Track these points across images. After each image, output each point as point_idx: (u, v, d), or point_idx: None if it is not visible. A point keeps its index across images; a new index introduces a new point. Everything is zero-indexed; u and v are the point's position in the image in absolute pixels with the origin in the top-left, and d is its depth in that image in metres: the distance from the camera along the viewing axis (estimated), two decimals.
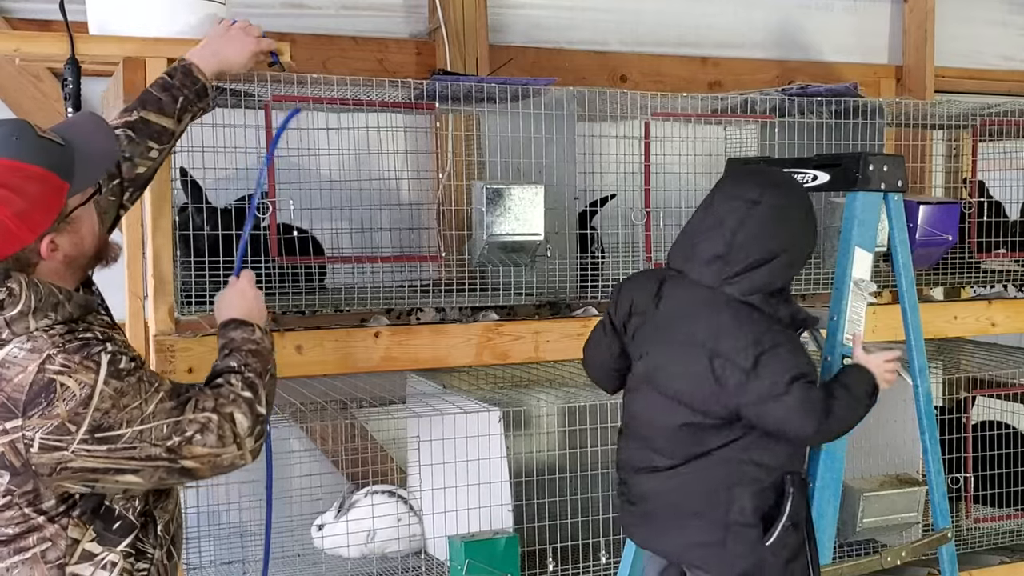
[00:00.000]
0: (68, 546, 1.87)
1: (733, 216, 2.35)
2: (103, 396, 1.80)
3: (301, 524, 3.32)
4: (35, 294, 1.84)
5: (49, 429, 1.78)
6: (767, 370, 2.27)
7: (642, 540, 2.55)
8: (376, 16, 4.03)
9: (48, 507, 1.85)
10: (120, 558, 1.92)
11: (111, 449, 1.82)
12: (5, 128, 1.89)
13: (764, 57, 4.68)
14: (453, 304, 3.09)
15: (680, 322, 2.37)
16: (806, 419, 2.29)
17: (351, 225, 3.09)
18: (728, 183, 2.45)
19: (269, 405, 2.03)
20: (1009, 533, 3.70)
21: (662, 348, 2.40)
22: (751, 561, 2.37)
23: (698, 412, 2.35)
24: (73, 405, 1.79)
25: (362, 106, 3.00)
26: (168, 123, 2.36)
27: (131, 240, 3.04)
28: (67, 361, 1.80)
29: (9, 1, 3.56)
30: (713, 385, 2.30)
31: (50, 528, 1.86)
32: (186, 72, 2.40)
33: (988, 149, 3.91)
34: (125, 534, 1.93)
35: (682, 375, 2.35)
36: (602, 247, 3.30)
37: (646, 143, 3.16)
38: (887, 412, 3.58)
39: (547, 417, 3.49)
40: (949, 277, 3.60)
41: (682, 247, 2.44)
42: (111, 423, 1.81)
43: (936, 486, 2.82)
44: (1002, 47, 5.14)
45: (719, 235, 2.35)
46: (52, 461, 1.80)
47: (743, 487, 2.36)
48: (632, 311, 2.47)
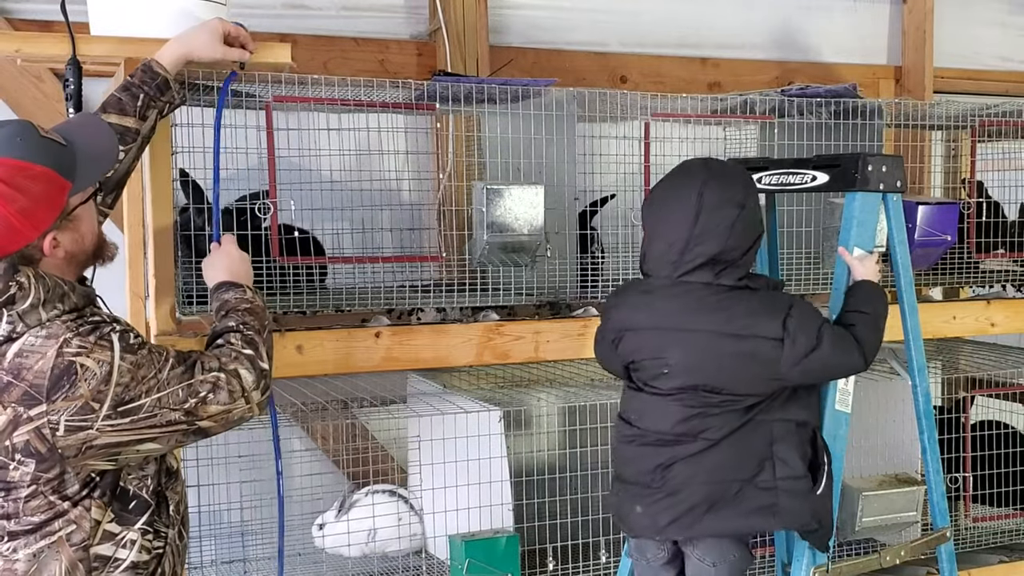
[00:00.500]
0: (92, 527, 1.94)
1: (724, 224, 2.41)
2: (121, 371, 1.88)
3: (302, 523, 3.33)
4: (43, 286, 1.89)
5: (74, 411, 1.85)
6: (797, 332, 2.40)
7: (689, 533, 2.49)
8: (377, 17, 4.03)
9: (72, 492, 1.91)
10: (138, 536, 1.99)
11: (134, 420, 1.89)
12: (9, 128, 1.93)
13: (764, 58, 4.68)
14: (454, 304, 3.09)
15: (693, 321, 2.41)
16: (846, 356, 2.47)
17: (352, 225, 3.10)
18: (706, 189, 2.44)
19: (270, 359, 2.13)
20: (1008, 532, 3.70)
21: (682, 350, 2.42)
22: (808, 513, 2.47)
23: (739, 396, 2.42)
24: (95, 384, 1.86)
25: (363, 107, 3.01)
26: (131, 123, 2.37)
27: (132, 240, 3.05)
28: (83, 343, 1.87)
29: (10, 2, 3.57)
30: (753, 366, 2.40)
31: (74, 511, 1.92)
32: (146, 69, 2.42)
33: (987, 150, 3.91)
34: (141, 512, 2.00)
35: (716, 368, 2.40)
36: (602, 247, 3.30)
37: (646, 144, 3.16)
38: (886, 412, 3.58)
39: (547, 417, 3.49)
40: (948, 277, 3.60)
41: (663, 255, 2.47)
42: (132, 396, 1.89)
43: (935, 485, 2.83)
44: (1001, 48, 5.15)
45: (715, 244, 2.41)
46: (78, 441, 1.86)
47: (783, 443, 2.45)
48: (624, 330, 2.53)
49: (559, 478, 3.17)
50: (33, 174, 1.89)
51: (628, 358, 2.53)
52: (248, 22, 2.72)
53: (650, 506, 2.48)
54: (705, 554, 2.50)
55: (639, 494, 2.50)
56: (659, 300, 2.47)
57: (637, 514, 2.51)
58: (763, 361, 2.39)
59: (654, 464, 2.47)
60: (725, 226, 2.42)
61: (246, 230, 2.78)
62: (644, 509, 2.49)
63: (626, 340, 2.52)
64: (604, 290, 3.18)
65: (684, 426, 2.43)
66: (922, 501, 2.96)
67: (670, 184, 2.51)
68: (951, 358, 3.96)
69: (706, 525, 2.45)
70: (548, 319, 3.11)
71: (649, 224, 2.52)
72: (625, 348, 2.53)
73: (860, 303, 2.58)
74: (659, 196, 2.52)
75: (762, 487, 2.43)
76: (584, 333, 3.07)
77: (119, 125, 2.34)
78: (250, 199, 2.87)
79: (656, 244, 2.48)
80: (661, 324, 2.46)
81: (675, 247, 2.43)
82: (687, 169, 2.52)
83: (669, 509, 2.46)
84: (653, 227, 2.50)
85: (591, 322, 3.08)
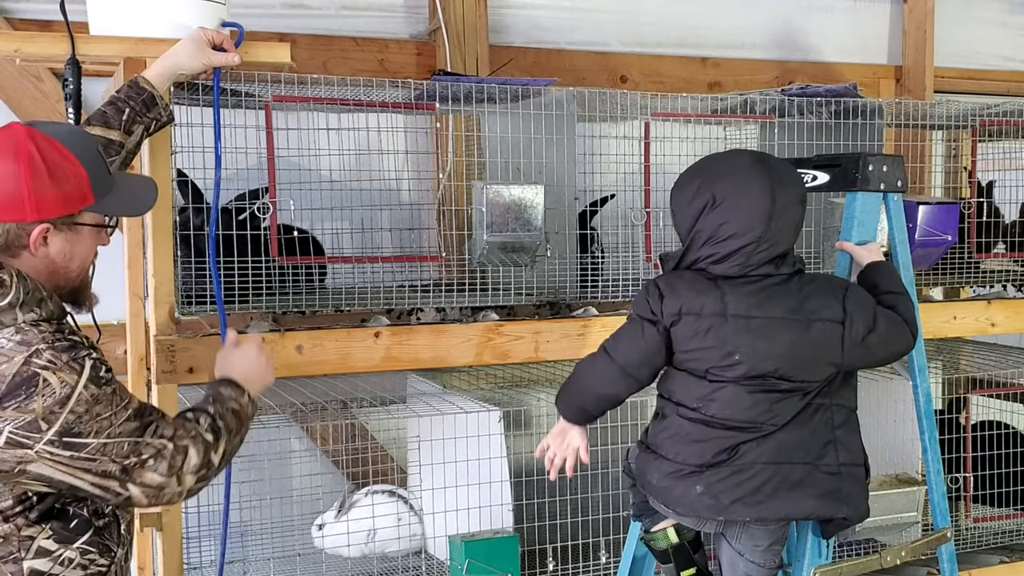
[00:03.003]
0: (21, 542, 1.87)
1: (792, 224, 2.42)
2: (80, 399, 1.80)
3: (301, 524, 3.33)
4: (23, 287, 1.85)
5: (21, 423, 1.78)
6: (855, 312, 2.42)
7: (755, 512, 2.43)
8: (376, 17, 4.03)
9: (4, 507, 1.85)
10: (77, 555, 1.92)
11: (73, 457, 1.81)
12: (78, 128, 2.02)
13: (764, 58, 4.68)
14: (453, 304, 3.09)
15: (762, 309, 2.39)
16: (900, 335, 2.50)
17: (351, 225, 3.10)
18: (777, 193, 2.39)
19: (223, 462, 2.01)
20: (1008, 533, 3.70)
21: (753, 338, 2.38)
22: (866, 502, 2.49)
23: (805, 382, 2.41)
24: (51, 403, 1.78)
25: (362, 106, 3.01)
26: (114, 135, 2.37)
27: (131, 240, 3.05)
28: (54, 358, 1.81)
29: (9, 1, 3.56)
30: (819, 350, 2.40)
31: (4, 527, 1.86)
32: (132, 85, 2.43)
33: (987, 149, 3.91)
34: (82, 532, 1.92)
35: (787, 355, 2.38)
36: (602, 247, 3.30)
37: (646, 143, 3.16)
38: (886, 412, 3.58)
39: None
40: (948, 277, 3.60)
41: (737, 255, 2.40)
42: (80, 430, 1.81)
43: (935, 486, 2.82)
44: (1001, 48, 5.15)
45: (782, 244, 2.41)
46: (14, 458, 1.79)
47: (844, 428, 2.46)
48: (682, 312, 2.40)
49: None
50: (69, 165, 1.89)
51: (685, 344, 2.41)
52: (247, 22, 2.73)
53: (712, 485, 2.41)
54: (753, 539, 2.48)
55: (699, 474, 2.42)
56: (726, 289, 2.40)
57: (696, 494, 2.42)
58: (828, 345, 2.40)
59: (719, 448, 2.41)
60: (795, 224, 2.43)
61: (244, 228, 2.78)
62: (705, 488, 2.42)
63: (684, 324, 2.40)
64: (604, 290, 3.18)
65: (752, 412, 2.39)
66: (923, 501, 2.96)
67: (734, 180, 2.41)
68: (951, 358, 3.95)
69: (774, 506, 2.41)
70: (548, 319, 3.10)
71: (711, 222, 2.40)
72: (682, 332, 2.40)
73: (889, 284, 2.59)
74: (725, 191, 2.40)
75: (827, 471, 2.43)
76: (584, 333, 3.06)
77: (102, 137, 2.34)
78: (248, 197, 2.87)
79: (722, 243, 2.40)
80: (729, 311, 2.38)
81: (746, 249, 2.38)
82: (749, 166, 2.43)
83: (735, 488, 2.40)
84: (718, 224, 2.40)
85: (591, 322, 3.08)
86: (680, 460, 2.45)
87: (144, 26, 2.63)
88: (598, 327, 3.07)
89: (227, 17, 2.74)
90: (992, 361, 3.84)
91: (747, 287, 2.40)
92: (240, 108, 2.91)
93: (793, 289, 2.41)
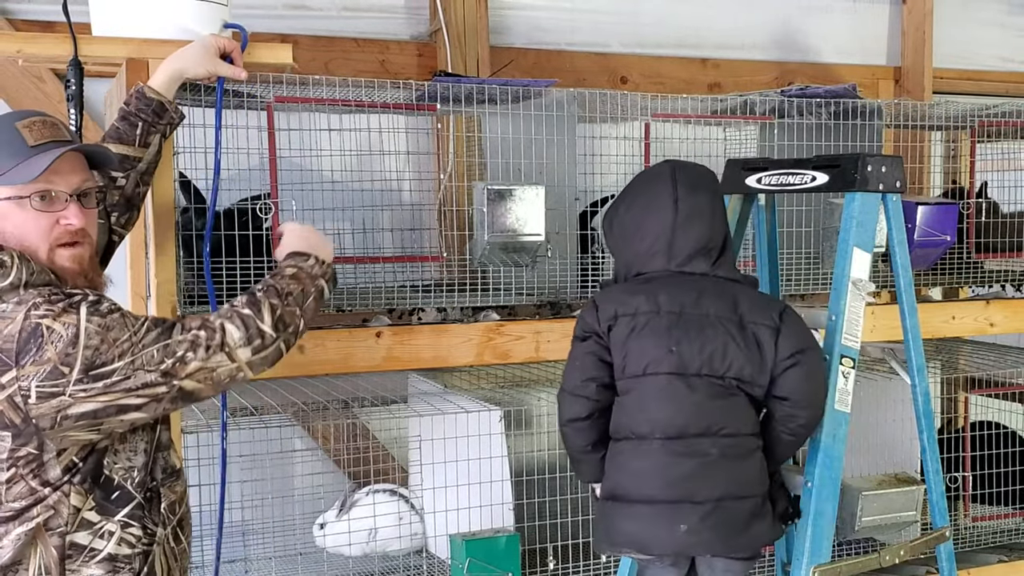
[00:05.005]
0: (70, 514, 1.91)
1: (706, 209, 2.44)
2: (89, 333, 1.83)
3: (303, 523, 3.33)
4: (27, 268, 1.89)
5: (43, 375, 1.81)
6: (791, 327, 2.42)
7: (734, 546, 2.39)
8: (378, 18, 4.04)
9: (53, 477, 1.89)
10: (118, 528, 1.96)
11: (107, 385, 1.84)
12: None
13: (763, 58, 4.69)
14: (454, 304, 3.10)
15: (698, 305, 2.40)
16: (822, 385, 2.50)
17: (353, 225, 3.11)
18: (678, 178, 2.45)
19: (280, 326, 2.02)
20: (1007, 532, 3.71)
21: (691, 337, 2.37)
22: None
23: (750, 384, 2.40)
24: (62, 347, 1.81)
25: (364, 107, 3.02)
26: (128, 150, 2.38)
27: (133, 240, 3.06)
28: (50, 308, 1.84)
29: (12, 2, 3.57)
30: (754, 353, 2.39)
31: (53, 496, 1.89)
32: (139, 96, 2.42)
33: (986, 150, 3.92)
34: (123, 504, 1.96)
35: (730, 355, 2.38)
36: (602, 247, 3.31)
37: (646, 144, 3.17)
38: (886, 412, 3.59)
39: (547, 416, 3.49)
40: (948, 277, 3.61)
41: (658, 248, 2.45)
42: (103, 360, 1.84)
43: (934, 485, 2.83)
44: (1000, 48, 5.15)
45: (701, 229, 2.43)
46: (51, 410, 1.83)
47: (760, 453, 2.45)
48: (617, 315, 2.40)
49: (559, 478, 3.18)
50: None
51: (624, 348, 2.38)
52: (249, 23, 2.73)
53: (697, 522, 2.33)
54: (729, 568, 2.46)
55: (680, 511, 2.35)
56: (658, 287, 2.42)
57: (681, 533, 2.34)
58: (762, 349, 2.39)
59: (677, 473, 2.34)
60: (706, 207, 2.44)
61: (246, 230, 2.79)
62: (690, 526, 2.34)
63: (620, 326, 2.39)
64: None
65: (699, 419, 2.36)
66: (921, 500, 2.96)
67: (640, 187, 2.50)
68: (950, 358, 3.96)
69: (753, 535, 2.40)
70: (548, 319, 3.12)
71: (627, 228, 2.48)
72: (618, 335, 2.39)
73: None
74: (631, 199, 2.50)
75: (763, 495, 2.45)
76: None
77: (116, 153, 2.35)
78: (250, 201, 2.88)
79: (641, 242, 2.45)
80: (664, 307, 2.39)
81: (662, 238, 2.42)
82: (651, 170, 2.54)
83: (716, 525, 2.34)
84: (634, 227, 2.46)
85: None
86: (639, 497, 2.38)
87: (146, 27, 2.63)
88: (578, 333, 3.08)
89: (229, 18, 2.74)
90: (991, 361, 3.85)
91: (685, 285, 2.42)
92: (242, 109, 2.92)
93: (732, 292, 2.43)
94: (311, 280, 2.14)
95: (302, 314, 2.09)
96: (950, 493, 3.42)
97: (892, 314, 3.03)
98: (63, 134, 2.00)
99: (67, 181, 1.97)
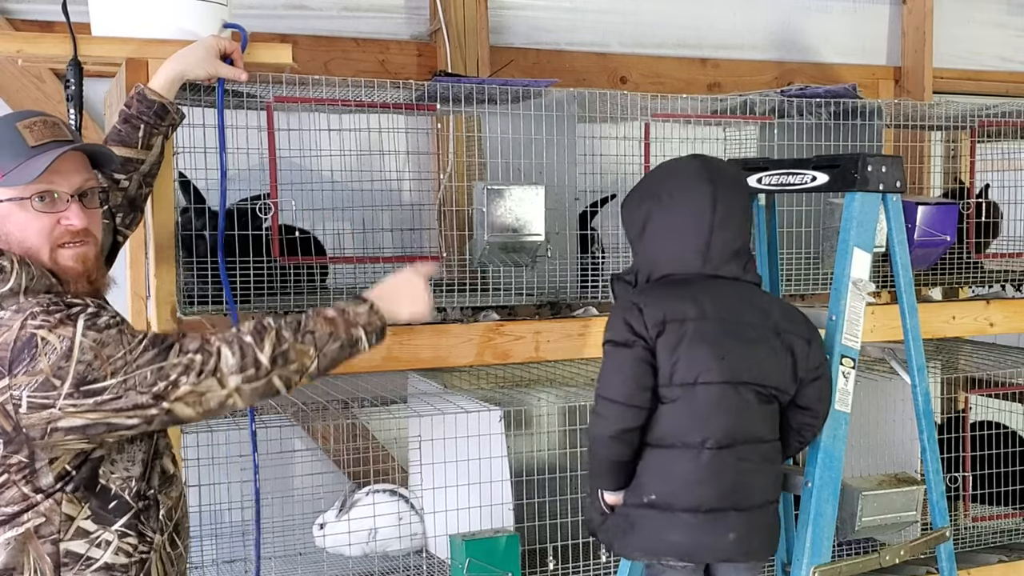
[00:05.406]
0: (62, 522, 1.90)
1: (740, 210, 2.43)
2: (83, 348, 1.82)
3: (303, 523, 3.33)
4: (27, 273, 1.88)
5: (35, 386, 1.80)
6: (816, 339, 2.47)
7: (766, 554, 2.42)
8: (377, 18, 4.04)
9: (45, 484, 1.88)
10: (115, 537, 1.95)
11: (97, 403, 1.83)
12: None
13: (763, 58, 4.69)
14: (454, 304, 3.10)
15: (738, 313, 2.39)
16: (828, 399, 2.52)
17: (353, 225, 3.11)
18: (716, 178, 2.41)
19: (283, 358, 1.95)
20: (1007, 532, 3.71)
21: (738, 345, 2.36)
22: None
23: (783, 393, 2.42)
24: (55, 359, 1.80)
25: (364, 107, 3.02)
26: (131, 152, 2.38)
27: (133, 241, 3.05)
28: (48, 318, 1.83)
29: (11, 2, 3.57)
30: (789, 361, 2.41)
31: (44, 504, 1.89)
32: (141, 98, 2.41)
33: (986, 150, 3.92)
34: (120, 514, 1.96)
35: (768, 364, 2.39)
36: (602, 247, 3.31)
37: (646, 144, 3.17)
38: (886, 412, 3.59)
39: (547, 416, 3.50)
40: (948, 277, 3.61)
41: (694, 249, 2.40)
42: (95, 375, 1.82)
43: (934, 485, 2.83)
44: (1000, 48, 5.15)
45: (736, 231, 2.42)
46: (41, 421, 1.82)
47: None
48: (666, 320, 2.33)
49: (559, 478, 3.17)
50: None
51: (673, 356, 2.32)
52: (248, 22, 2.73)
53: (745, 528, 2.35)
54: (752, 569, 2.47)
55: (727, 518, 2.34)
56: (700, 292, 2.37)
57: (730, 541, 2.34)
58: (795, 358, 2.41)
59: (728, 482, 2.33)
60: (740, 209, 2.43)
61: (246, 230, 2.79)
62: (737, 534, 2.34)
63: (669, 332, 2.32)
64: (604, 290, 3.19)
65: (746, 427, 2.36)
66: (921, 501, 2.96)
67: (673, 183, 2.43)
68: (950, 358, 3.96)
69: (778, 539, 2.46)
70: (548, 319, 3.11)
71: (658, 225, 2.41)
72: (668, 342, 2.32)
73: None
74: (664, 194, 2.41)
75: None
76: (584, 333, 3.07)
77: (119, 156, 2.35)
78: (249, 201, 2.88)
79: (675, 242, 2.40)
80: (711, 314, 2.35)
81: (699, 239, 2.37)
82: (683, 166, 2.46)
83: (760, 531, 2.37)
84: (668, 225, 2.40)
85: (591, 322, 3.08)
86: (693, 506, 2.33)
87: (146, 27, 2.64)
88: (598, 327, 3.07)
89: (228, 18, 2.74)
90: (991, 361, 3.85)
91: (724, 290, 2.40)
92: (242, 109, 2.92)
93: (766, 301, 2.46)
94: (347, 326, 2.07)
95: (317, 355, 2.01)
96: (950, 493, 3.41)
97: (892, 314, 3.03)
98: (64, 134, 2.00)
99: (68, 181, 1.97)
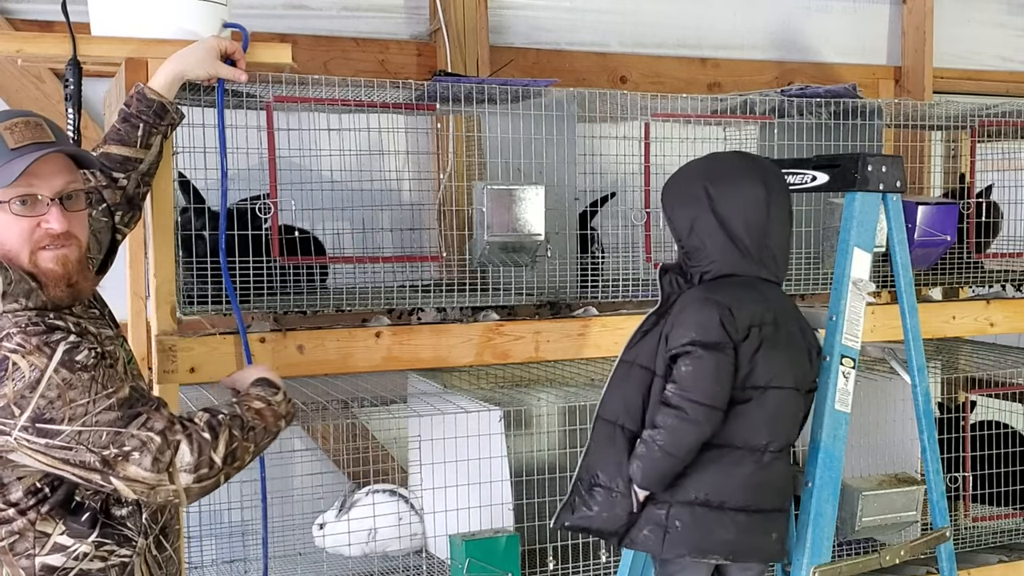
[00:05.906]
0: (36, 538, 1.88)
1: (788, 214, 2.50)
2: (50, 384, 1.78)
3: (302, 523, 3.33)
4: (4, 278, 1.85)
5: None
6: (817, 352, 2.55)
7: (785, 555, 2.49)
8: (377, 17, 4.04)
9: (16, 499, 1.86)
10: (92, 548, 1.92)
11: (48, 444, 1.79)
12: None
13: (763, 58, 4.69)
14: (454, 304, 3.10)
15: (790, 323, 2.45)
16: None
17: (352, 225, 3.10)
18: (769, 181, 2.45)
19: (229, 460, 1.92)
20: (1007, 532, 3.71)
21: (798, 351, 2.45)
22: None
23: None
24: (21, 387, 1.77)
25: (363, 107, 3.01)
26: (130, 152, 2.38)
27: (133, 240, 3.05)
28: (24, 342, 1.80)
29: (11, 2, 3.57)
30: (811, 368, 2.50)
31: (19, 521, 1.87)
32: (140, 97, 2.41)
33: (987, 150, 3.92)
34: (93, 525, 1.92)
35: (809, 371, 2.48)
36: (602, 247, 3.31)
37: (646, 144, 3.17)
38: (886, 412, 3.59)
39: (547, 416, 3.50)
40: (948, 277, 3.61)
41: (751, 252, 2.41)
42: (53, 416, 1.78)
43: (935, 485, 2.83)
44: (1000, 48, 5.15)
45: (784, 236, 2.48)
46: None
47: None
48: (751, 326, 2.34)
49: (559, 478, 3.17)
50: None
51: (752, 360, 2.33)
52: (248, 22, 2.73)
53: (784, 529, 2.44)
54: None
55: (774, 519, 2.41)
56: (764, 296, 2.40)
57: (773, 541, 2.41)
58: (813, 366, 2.50)
59: (782, 484, 2.44)
60: (788, 212, 2.50)
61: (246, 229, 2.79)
62: (779, 534, 2.42)
63: (752, 337, 2.33)
64: (604, 290, 3.19)
65: (797, 431, 2.46)
66: (922, 501, 2.96)
67: (730, 178, 2.42)
68: (951, 358, 3.96)
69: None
70: (548, 319, 3.11)
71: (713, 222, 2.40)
72: (749, 347, 2.32)
73: None
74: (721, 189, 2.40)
75: None
76: (584, 333, 3.07)
77: (118, 155, 2.36)
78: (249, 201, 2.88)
79: (738, 241, 2.40)
80: (779, 319, 2.39)
81: (756, 241, 2.41)
82: (737, 162, 2.49)
83: (789, 528, 2.47)
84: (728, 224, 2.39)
85: (591, 322, 3.08)
86: (752, 507, 2.37)
87: (145, 27, 2.63)
88: (598, 327, 3.08)
89: (228, 18, 2.74)
90: (991, 361, 3.84)
91: (776, 292, 2.46)
92: (241, 109, 2.92)
93: (791, 303, 2.52)
94: (275, 419, 2.06)
95: (254, 451, 2.00)
96: (950, 493, 3.41)
97: (892, 314, 3.04)
98: (47, 135, 1.93)
99: (49, 184, 1.91)
